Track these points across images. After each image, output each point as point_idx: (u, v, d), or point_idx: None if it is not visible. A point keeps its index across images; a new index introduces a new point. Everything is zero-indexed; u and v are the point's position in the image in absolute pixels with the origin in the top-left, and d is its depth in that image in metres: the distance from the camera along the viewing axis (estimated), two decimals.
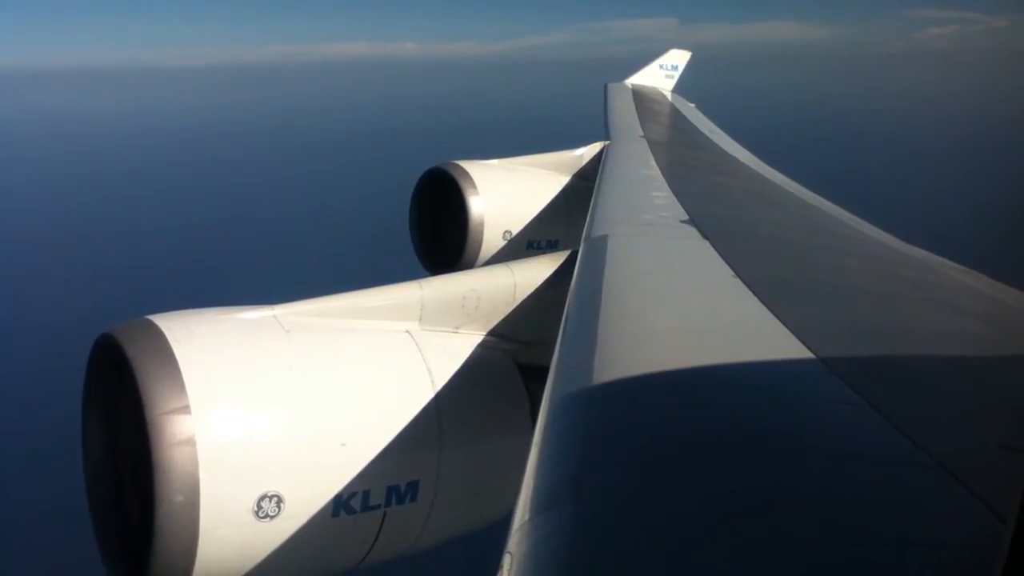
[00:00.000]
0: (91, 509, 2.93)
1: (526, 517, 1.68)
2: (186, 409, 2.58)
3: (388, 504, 2.94)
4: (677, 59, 16.23)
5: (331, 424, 2.83)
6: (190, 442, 2.55)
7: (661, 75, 15.85)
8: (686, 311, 2.93)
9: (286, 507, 2.70)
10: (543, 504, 1.71)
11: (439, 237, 7.07)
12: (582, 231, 4.12)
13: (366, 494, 2.87)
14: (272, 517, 2.68)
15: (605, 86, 13.88)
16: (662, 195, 5.19)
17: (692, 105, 13.86)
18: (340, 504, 2.82)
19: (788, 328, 2.56)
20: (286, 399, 2.79)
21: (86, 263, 64.75)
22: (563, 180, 7.47)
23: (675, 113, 12.88)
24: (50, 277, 60.32)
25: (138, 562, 2.63)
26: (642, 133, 9.01)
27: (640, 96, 13.22)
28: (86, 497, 2.95)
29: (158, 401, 2.57)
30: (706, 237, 3.84)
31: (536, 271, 3.72)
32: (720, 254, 3.52)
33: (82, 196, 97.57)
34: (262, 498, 2.66)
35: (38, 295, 55.20)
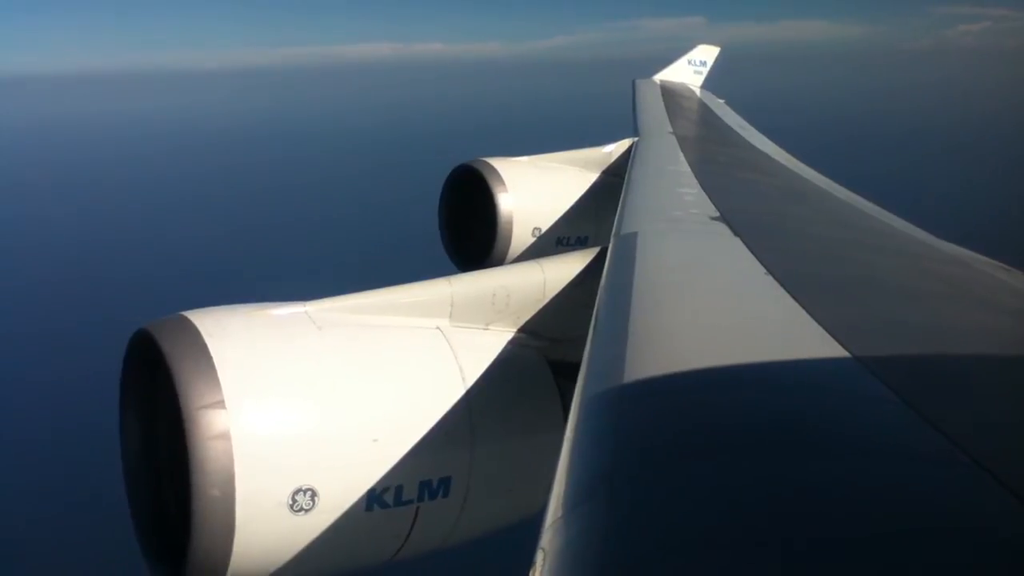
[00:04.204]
0: (130, 503, 2.98)
1: (559, 514, 1.68)
2: (221, 404, 2.61)
3: (421, 499, 2.96)
4: (705, 55, 16.13)
5: (363, 419, 2.85)
6: (225, 436, 2.58)
7: (689, 71, 15.76)
8: (717, 308, 2.90)
9: (320, 501, 2.72)
10: (576, 501, 1.71)
11: (468, 234, 7.09)
12: (611, 228, 4.10)
13: (399, 489, 2.89)
14: (306, 511, 2.70)
15: (633, 82, 13.82)
16: (692, 191, 5.16)
17: (721, 100, 13.76)
18: (373, 498, 2.84)
19: (821, 325, 2.54)
20: (318, 394, 2.81)
21: (122, 264, 65.86)
22: (592, 177, 7.46)
23: (704, 109, 12.80)
24: (87, 277, 61.42)
25: (176, 555, 2.67)
26: (671, 129, 8.95)
27: (668, 92, 13.14)
28: (125, 491, 3.00)
29: (193, 396, 2.60)
30: (737, 233, 3.81)
31: (566, 268, 3.71)
32: (751, 250, 3.49)
33: (119, 199, 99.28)
34: (296, 492, 2.68)
35: (74, 296, 56.20)
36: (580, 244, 6.75)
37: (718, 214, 4.28)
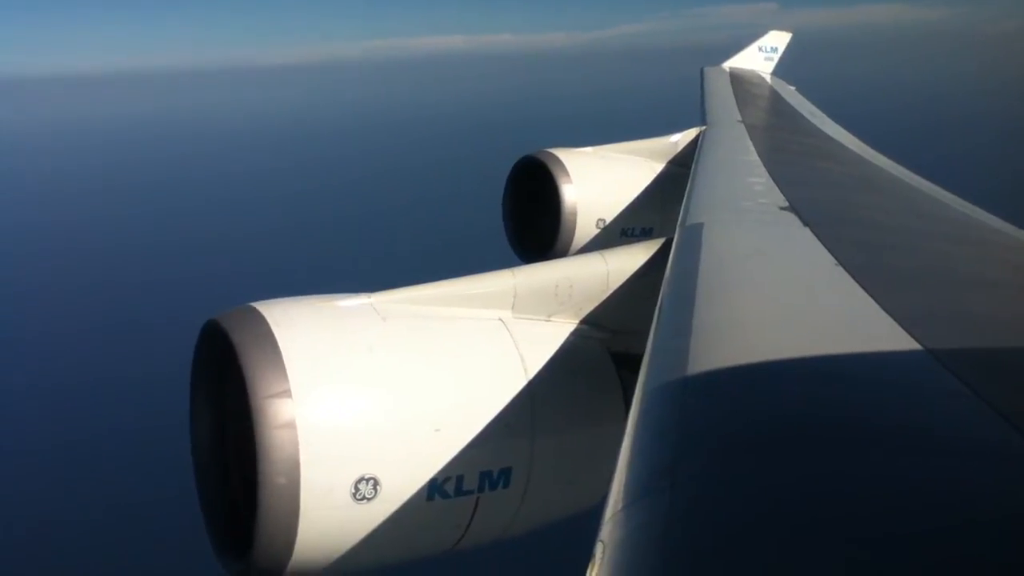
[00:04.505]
0: (199, 491, 3.05)
1: (619, 506, 1.67)
2: (287, 393, 2.65)
3: (481, 490, 2.97)
4: (776, 41, 15.79)
5: (426, 410, 2.87)
6: (291, 425, 2.63)
7: (760, 58, 15.44)
8: (785, 300, 2.84)
9: (382, 490, 2.75)
10: (636, 493, 1.69)
11: (532, 225, 7.09)
12: (677, 219, 4.05)
13: (460, 479, 2.91)
14: (369, 499, 2.74)
15: (701, 70, 13.62)
16: (760, 181, 5.05)
17: (792, 87, 13.47)
18: (435, 488, 2.86)
19: (894, 318, 2.46)
20: (382, 384, 2.84)
21: (206, 255, 67.99)
22: (657, 167, 7.38)
23: (774, 96, 12.53)
24: (167, 271, 63.57)
25: (242, 542, 2.73)
26: (740, 117, 8.79)
27: (738, 79, 12.91)
28: (194, 479, 3.08)
29: (261, 385, 2.65)
30: (807, 224, 3.72)
31: (630, 259, 3.67)
32: (822, 242, 3.40)
33: (206, 193, 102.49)
34: (359, 480, 2.72)
35: (151, 291, 58.25)
36: (645, 235, 6.68)
37: (787, 204, 4.18)
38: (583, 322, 3.49)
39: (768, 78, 14.60)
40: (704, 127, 7.95)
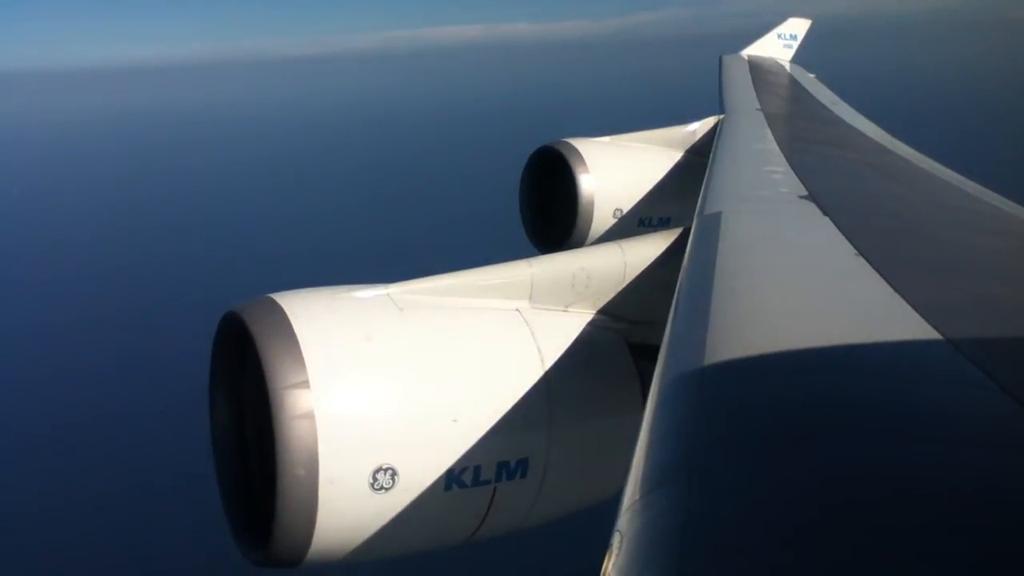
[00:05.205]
0: (219, 481, 3.08)
1: (636, 496, 1.67)
2: (305, 384, 2.67)
3: (498, 480, 2.98)
4: (796, 28, 15.65)
5: (443, 400, 2.88)
6: (309, 415, 2.65)
7: (779, 45, 15.31)
8: (803, 290, 2.82)
9: (400, 480, 2.77)
10: (654, 484, 1.69)
11: (549, 215, 7.07)
12: (695, 208, 4.03)
13: (477, 469, 2.92)
14: (386, 489, 2.76)
15: (720, 58, 13.54)
16: (779, 170, 5.02)
17: (812, 75, 13.35)
18: (452, 478, 2.87)
19: (915, 308, 2.44)
20: (399, 375, 2.86)
21: (227, 246, 68.49)
22: (675, 156, 7.35)
23: (794, 84, 12.43)
24: (191, 261, 64.00)
25: (262, 532, 2.76)
26: (758, 106, 8.73)
27: (756, 67, 12.82)
28: (214, 469, 3.10)
29: (279, 376, 2.67)
30: (826, 213, 3.69)
31: (647, 249, 3.66)
32: (842, 231, 3.37)
33: (223, 185, 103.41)
34: (377, 471, 2.73)
35: (171, 282, 58.65)
36: (662, 225, 6.66)
37: (807, 193, 4.15)
38: (600, 312, 3.48)
39: (787, 66, 14.48)
40: (722, 115, 7.91)
